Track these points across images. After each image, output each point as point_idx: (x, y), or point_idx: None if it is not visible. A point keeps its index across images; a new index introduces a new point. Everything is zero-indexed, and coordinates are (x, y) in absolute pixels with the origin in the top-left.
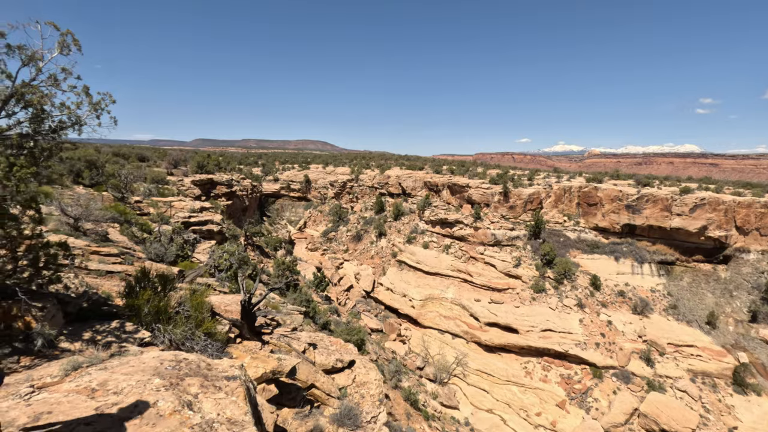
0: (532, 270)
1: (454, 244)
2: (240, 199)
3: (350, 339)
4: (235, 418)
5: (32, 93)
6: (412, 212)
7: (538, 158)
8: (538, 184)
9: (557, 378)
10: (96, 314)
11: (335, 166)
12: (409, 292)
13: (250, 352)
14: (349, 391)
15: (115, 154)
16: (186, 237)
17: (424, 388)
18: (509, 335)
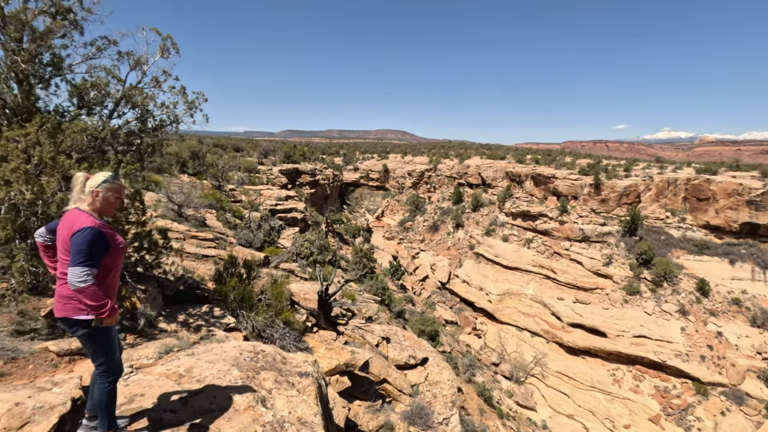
0: (625, 270)
1: (537, 238)
2: (322, 188)
3: (425, 329)
4: (306, 418)
5: (139, 95)
6: (492, 204)
7: (636, 146)
8: (636, 175)
9: (651, 390)
10: (190, 297)
11: (413, 156)
12: (486, 286)
13: (325, 343)
14: (421, 389)
15: (215, 145)
16: (272, 223)
17: (499, 385)
18: (595, 338)
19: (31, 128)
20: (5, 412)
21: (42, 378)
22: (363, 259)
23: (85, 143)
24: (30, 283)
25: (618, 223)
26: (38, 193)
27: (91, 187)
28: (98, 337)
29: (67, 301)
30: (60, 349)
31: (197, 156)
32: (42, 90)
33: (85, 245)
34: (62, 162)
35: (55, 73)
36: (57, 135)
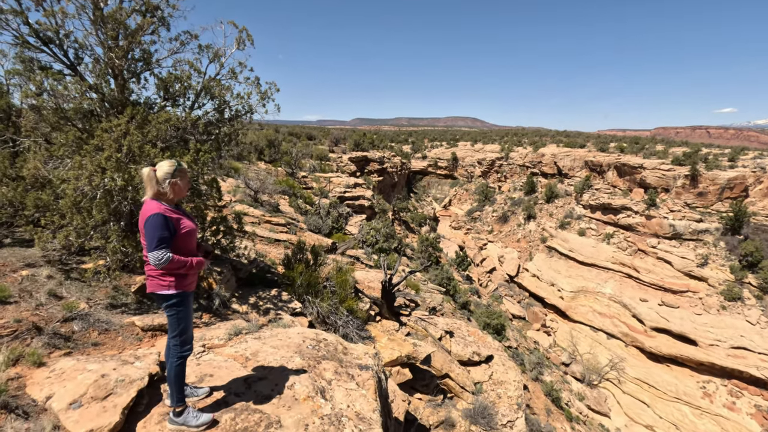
0: (724, 272)
1: (618, 233)
2: (390, 176)
3: (490, 322)
4: (364, 413)
5: (217, 86)
6: (568, 195)
7: (745, 133)
8: (744, 166)
9: (750, 408)
10: (261, 280)
11: (484, 144)
12: (558, 282)
13: (388, 333)
14: (485, 388)
15: (290, 134)
16: (340, 210)
17: (569, 387)
18: (684, 346)
19: (122, 119)
20: (92, 383)
21: (128, 350)
22: (428, 249)
23: (169, 133)
24: (121, 262)
25: (718, 220)
26: (128, 180)
27: (160, 178)
28: (178, 307)
29: (151, 279)
30: (144, 324)
31: (273, 144)
32: (134, 84)
33: (153, 230)
34: (148, 151)
35: (144, 68)
36: (144, 126)
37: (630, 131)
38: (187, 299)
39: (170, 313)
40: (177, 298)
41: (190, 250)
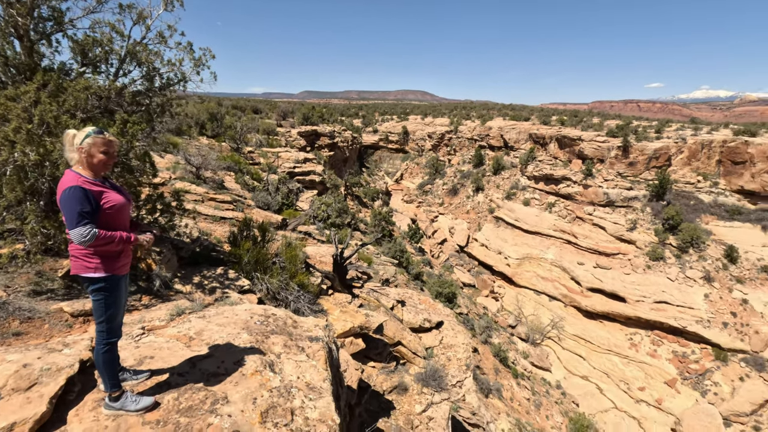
0: (649, 235)
1: (559, 202)
2: (341, 150)
3: (442, 291)
4: (314, 383)
5: (143, 51)
6: (514, 167)
7: (670, 107)
8: (668, 137)
9: (669, 354)
10: (206, 259)
11: (434, 117)
12: (505, 250)
13: (340, 306)
14: (436, 352)
15: (234, 107)
16: (290, 186)
17: (515, 347)
18: (615, 303)
19: (31, 87)
20: (12, 374)
21: (56, 338)
22: (381, 222)
23: (91, 103)
24: (43, 244)
25: (645, 188)
26: (44, 155)
27: (76, 144)
28: (105, 292)
29: (76, 259)
30: (74, 310)
31: (215, 118)
32: (44, 47)
33: (70, 205)
34: (65, 122)
35: (56, 28)
36: (59, 94)
37: (570, 105)
38: (117, 284)
39: (96, 297)
40: (105, 283)
41: (120, 229)
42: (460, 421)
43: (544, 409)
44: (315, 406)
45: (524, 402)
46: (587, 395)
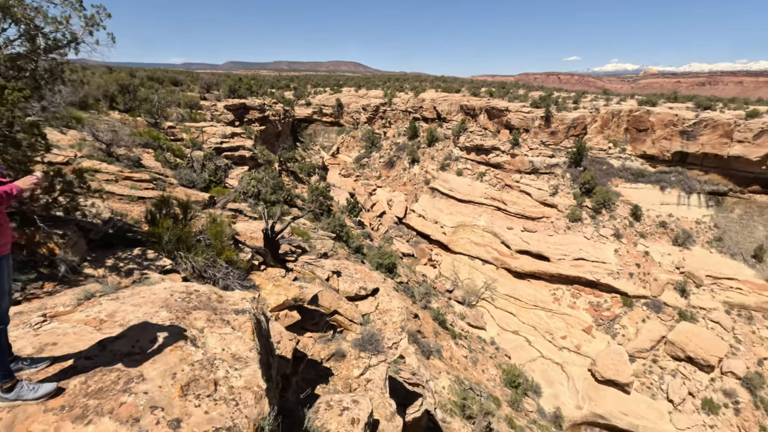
0: (569, 199)
1: (489, 171)
2: (273, 125)
3: (382, 262)
4: (240, 354)
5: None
6: (447, 138)
7: (586, 79)
8: (584, 107)
9: (586, 305)
10: (122, 241)
11: (368, 89)
12: (441, 219)
13: (273, 280)
14: (372, 318)
15: (150, 78)
16: (218, 163)
17: (453, 310)
18: (540, 263)
19: None
20: None
21: None
22: (319, 198)
23: None
24: None
25: (565, 155)
26: None
27: None
28: None
29: None
30: None
31: (128, 90)
32: None
33: None
34: None
35: None
36: None
37: (498, 77)
38: None
39: None
40: None
41: None
42: (402, 383)
43: (480, 364)
44: (240, 375)
45: (462, 360)
46: (518, 348)
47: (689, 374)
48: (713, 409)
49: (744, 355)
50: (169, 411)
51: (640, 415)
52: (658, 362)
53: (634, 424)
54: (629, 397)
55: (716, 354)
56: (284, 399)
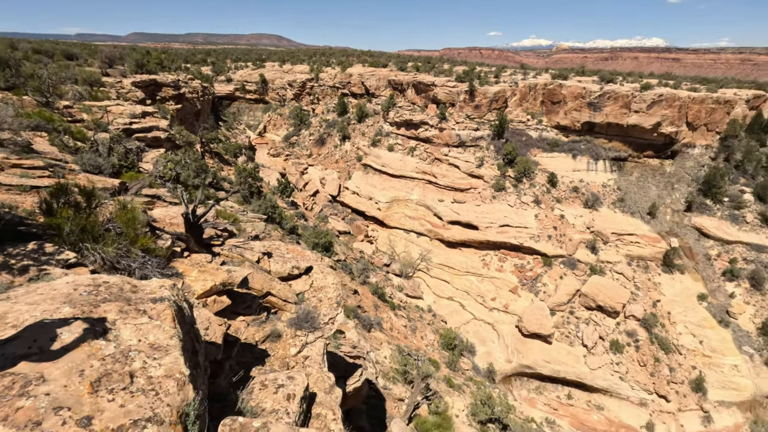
0: (494, 170)
1: (419, 146)
2: (191, 103)
3: (319, 242)
4: (159, 343)
5: None
6: (377, 114)
7: (506, 54)
8: (504, 81)
9: (512, 268)
10: (12, 235)
11: (293, 64)
12: (375, 195)
13: (198, 266)
14: (307, 296)
15: (36, 51)
16: (128, 145)
17: (391, 283)
18: (470, 232)
19: None
20: None
21: None
22: (248, 179)
23: None
24: None
25: (489, 128)
26: None
27: None
28: None
29: None
30: None
31: (8, 64)
32: None
33: None
34: None
35: None
36: None
37: (424, 51)
38: None
39: None
40: None
41: None
42: (342, 356)
43: (419, 332)
44: (160, 363)
45: (402, 329)
46: (453, 312)
47: (600, 321)
48: (619, 349)
49: (642, 300)
50: (77, 410)
51: (561, 361)
52: (575, 313)
53: (556, 370)
54: (551, 346)
55: (620, 301)
56: (216, 384)
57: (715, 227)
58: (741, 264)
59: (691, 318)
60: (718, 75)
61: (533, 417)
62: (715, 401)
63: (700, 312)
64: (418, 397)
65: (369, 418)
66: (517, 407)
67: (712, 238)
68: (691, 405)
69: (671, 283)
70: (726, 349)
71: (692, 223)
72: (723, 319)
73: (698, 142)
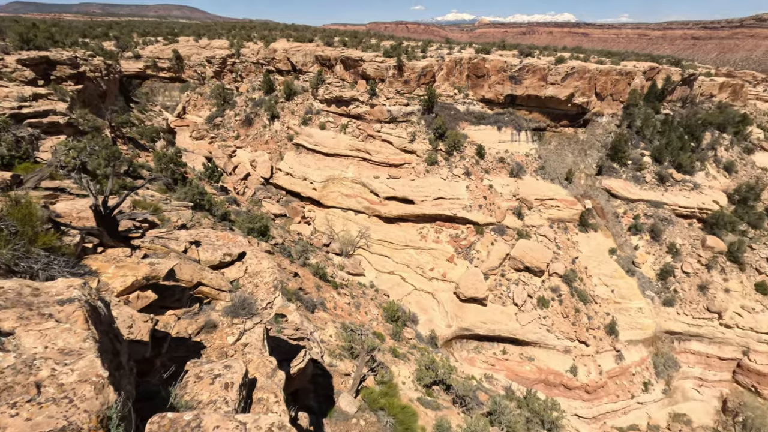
0: (426, 144)
1: (351, 123)
2: (93, 83)
3: (254, 226)
4: (70, 347)
5: None
6: (305, 91)
7: (431, 28)
8: (431, 56)
9: (447, 238)
10: None
11: (210, 39)
12: (310, 175)
13: (115, 261)
14: (242, 283)
15: None
16: (19, 133)
17: (332, 262)
18: (406, 206)
19: None
20: None
21: None
22: (170, 165)
23: None
24: None
25: (418, 103)
26: None
27: None
28: None
29: None
30: None
31: None
32: None
33: None
34: None
35: None
36: None
37: (350, 25)
38: None
39: None
40: None
41: None
42: (285, 340)
43: (363, 308)
44: (72, 369)
45: (346, 307)
46: (395, 286)
47: (527, 280)
48: (545, 304)
49: (563, 258)
50: None
51: (496, 320)
52: (506, 275)
53: (492, 329)
54: (486, 308)
55: (545, 261)
56: (146, 383)
57: (621, 188)
58: (643, 219)
59: (604, 270)
60: (620, 49)
61: (473, 375)
62: (625, 341)
63: (611, 264)
64: (363, 369)
65: (317, 396)
66: (459, 367)
67: (620, 198)
68: (606, 346)
69: (587, 241)
70: (633, 295)
71: (602, 186)
72: (630, 269)
73: (606, 111)
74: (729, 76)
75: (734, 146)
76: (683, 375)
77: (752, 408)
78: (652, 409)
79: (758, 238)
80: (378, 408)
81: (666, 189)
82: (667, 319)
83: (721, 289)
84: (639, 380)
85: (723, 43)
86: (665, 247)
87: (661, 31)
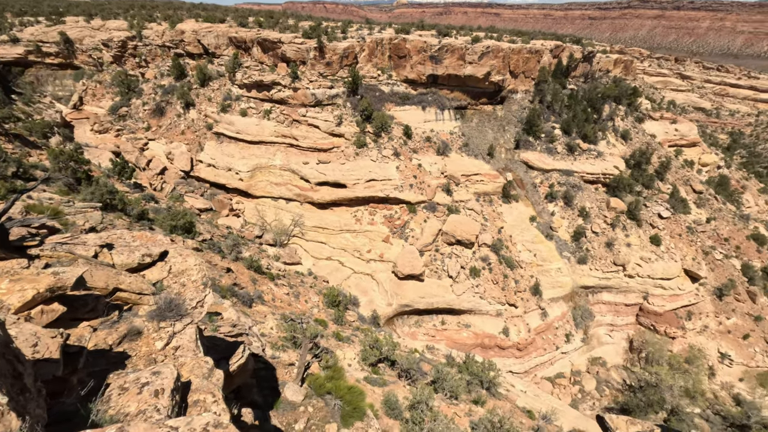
0: (353, 127)
1: (275, 108)
2: None
3: (177, 224)
4: None
5: None
6: (222, 76)
7: (350, 8)
8: (352, 37)
9: (382, 219)
10: None
11: (104, 19)
12: (235, 165)
13: (8, 274)
14: (167, 283)
15: None
16: None
17: (266, 254)
18: (339, 191)
19: None
20: None
21: None
22: (69, 163)
23: None
24: None
25: (343, 85)
26: None
27: None
28: None
29: None
30: None
31: None
32: None
33: None
34: None
35: None
36: None
37: (264, 5)
38: None
39: None
40: None
41: None
42: (222, 338)
43: (303, 296)
44: None
45: (285, 297)
46: (333, 271)
47: (459, 253)
48: (477, 273)
49: (490, 229)
50: None
51: (433, 294)
52: (439, 250)
53: (430, 302)
54: (424, 283)
55: (474, 233)
56: (60, 404)
57: (537, 159)
58: (557, 187)
59: (527, 237)
60: (529, 28)
61: (416, 348)
62: (548, 299)
63: (532, 231)
64: (307, 357)
65: (261, 390)
66: (402, 343)
67: (536, 169)
68: (533, 306)
69: (510, 211)
70: (552, 257)
71: (521, 158)
72: (548, 233)
73: (519, 88)
74: (621, 53)
75: (628, 116)
76: (597, 323)
77: (652, 344)
78: (574, 356)
79: (650, 197)
80: (325, 392)
81: (575, 158)
82: (582, 275)
83: (624, 244)
84: (562, 333)
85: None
86: (577, 211)
87: (563, 11)
